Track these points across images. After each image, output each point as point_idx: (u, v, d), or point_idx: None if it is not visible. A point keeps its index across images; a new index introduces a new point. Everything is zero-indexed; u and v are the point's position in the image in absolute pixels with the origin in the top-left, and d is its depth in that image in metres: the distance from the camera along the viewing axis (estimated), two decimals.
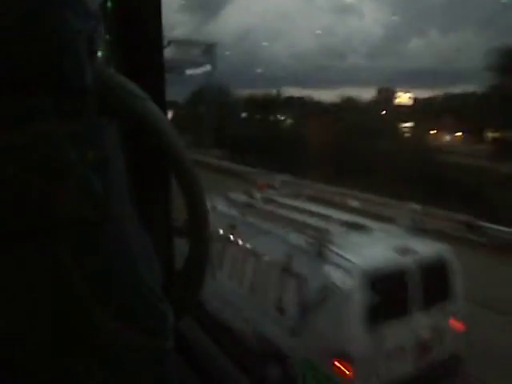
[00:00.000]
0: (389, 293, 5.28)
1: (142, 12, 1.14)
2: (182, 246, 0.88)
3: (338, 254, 5.32)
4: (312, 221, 6.45)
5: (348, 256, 5.27)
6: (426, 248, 5.81)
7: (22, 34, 0.43)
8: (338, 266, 5.19)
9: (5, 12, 0.43)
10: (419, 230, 6.39)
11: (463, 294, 5.86)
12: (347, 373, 4.88)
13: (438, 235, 7.04)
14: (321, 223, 6.29)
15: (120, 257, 0.52)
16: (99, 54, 1.25)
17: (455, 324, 5.75)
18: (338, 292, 5.05)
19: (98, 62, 0.55)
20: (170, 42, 26.06)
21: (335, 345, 4.96)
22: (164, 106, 1.16)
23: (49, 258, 0.46)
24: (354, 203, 12.19)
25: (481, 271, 7.50)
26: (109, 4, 1.21)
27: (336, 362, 4.92)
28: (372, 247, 5.72)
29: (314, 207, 7.41)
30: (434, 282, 5.60)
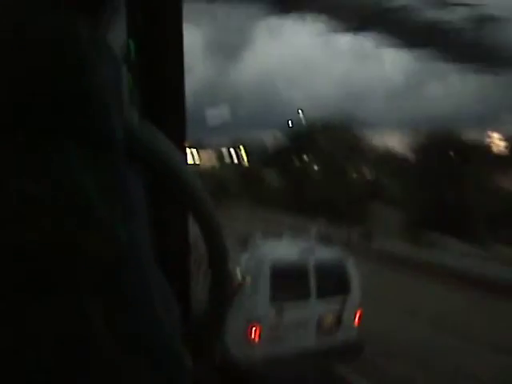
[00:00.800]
0: (291, 281, 7.53)
1: (164, 56, 1.16)
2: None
3: (257, 250, 8.02)
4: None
5: (263, 252, 7.95)
6: (327, 252, 8.30)
7: (49, 84, 0.44)
8: (256, 257, 7.72)
9: (32, 63, 0.44)
10: (327, 240, 9.29)
11: (361, 291, 7.86)
12: (257, 335, 7.08)
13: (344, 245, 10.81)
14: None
15: (139, 301, 0.52)
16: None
17: (354, 314, 7.76)
18: (253, 275, 7.34)
19: (125, 110, 0.56)
20: None
21: (249, 313, 7.06)
22: (184, 151, 1.16)
23: (73, 303, 0.47)
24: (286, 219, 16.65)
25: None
26: (131, 46, 1.23)
27: (249, 326, 7.02)
28: (283, 249, 8.41)
29: None
30: (333, 278, 7.76)
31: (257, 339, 7.13)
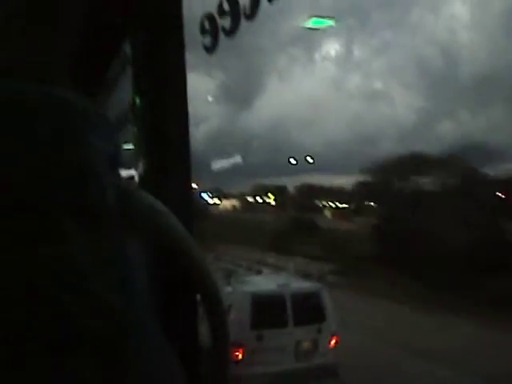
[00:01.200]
0: (270, 310, 8.60)
1: (168, 107, 1.19)
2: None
3: (239, 284, 9.49)
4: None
5: (245, 286, 9.34)
6: (303, 285, 9.87)
7: (43, 159, 0.44)
8: (239, 291, 8.94)
9: (25, 137, 0.44)
10: (303, 275, 12.28)
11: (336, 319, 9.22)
12: (240, 356, 8.11)
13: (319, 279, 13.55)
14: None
15: (141, 373, 0.51)
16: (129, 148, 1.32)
17: (330, 340, 8.99)
18: (236, 305, 8.25)
19: (120, 179, 0.56)
20: None
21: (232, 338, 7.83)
22: (190, 200, 1.16)
23: (69, 373, 0.45)
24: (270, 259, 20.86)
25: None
26: (137, 100, 1.27)
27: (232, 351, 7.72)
28: (263, 283, 10.05)
29: None
30: (309, 308, 8.94)
31: (239, 362, 8.08)
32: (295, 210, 37.58)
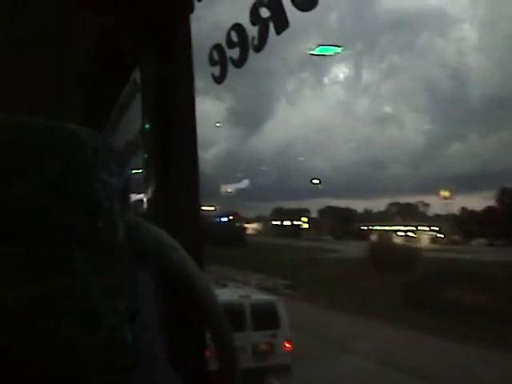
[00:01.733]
0: (231, 317, 9.13)
1: (177, 133, 1.21)
2: None
3: None
4: None
5: None
6: (260, 296, 11.71)
7: (55, 192, 0.46)
8: None
9: (36, 171, 0.45)
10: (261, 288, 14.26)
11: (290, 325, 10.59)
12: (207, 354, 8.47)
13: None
14: None
15: None
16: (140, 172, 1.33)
17: (285, 344, 10.40)
18: None
19: (130, 214, 0.58)
20: None
21: None
22: (199, 228, 1.17)
23: None
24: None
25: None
26: (146, 126, 1.29)
27: None
28: (225, 294, 10.41)
29: None
30: (265, 316, 10.34)
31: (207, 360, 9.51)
32: (333, 234, 36.02)
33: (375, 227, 36.08)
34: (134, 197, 1.32)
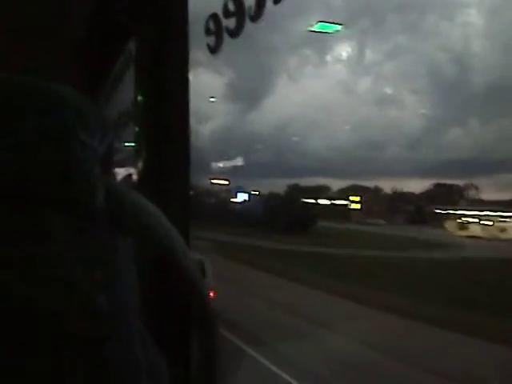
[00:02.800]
0: None
1: (170, 106, 1.18)
2: None
3: None
4: None
5: None
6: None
7: (34, 154, 0.44)
8: None
9: (18, 130, 0.44)
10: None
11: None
12: None
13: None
14: None
15: (124, 377, 0.50)
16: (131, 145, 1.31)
17: (210, 292, 11.56)
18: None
19: (110, 178, 0.56)
20: None
21: None
22: (188, 203, 1.16)
23: (50, 373, 0.45)
24: None
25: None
26: (139, 98, 1.26)
27: None
28: None
29: None
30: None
31: None
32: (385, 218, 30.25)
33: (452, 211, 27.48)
34: (124, 171, 1.30)
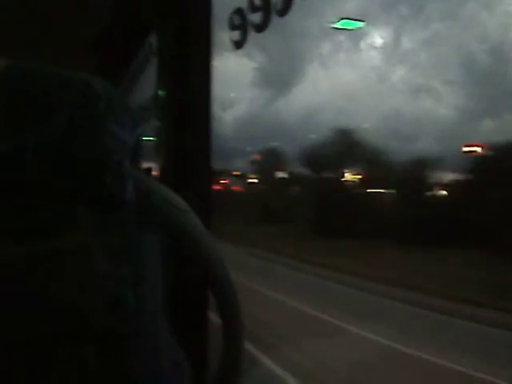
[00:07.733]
0: None
1: (192, 100, 1.18)
2: None
3: None
4: None
5: None
6: None
7: (66, 145, 0.44)
8: None
9: (50, 124, 0.44)
10: None
11: None
12: None
13: None
14: None
15: (148, 372, 0.50)
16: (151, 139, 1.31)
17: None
18: None
19: (140, 173, 0.55)
20: None
21: None
22: (210, 197, 1.15)
23: (75, 368, 0.45)
24: None
25: None
26: (160, 92, 1.26)
27: None
28: None
29: None
30: None
31: None
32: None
33: None
34: (144, 165, 1.30)
